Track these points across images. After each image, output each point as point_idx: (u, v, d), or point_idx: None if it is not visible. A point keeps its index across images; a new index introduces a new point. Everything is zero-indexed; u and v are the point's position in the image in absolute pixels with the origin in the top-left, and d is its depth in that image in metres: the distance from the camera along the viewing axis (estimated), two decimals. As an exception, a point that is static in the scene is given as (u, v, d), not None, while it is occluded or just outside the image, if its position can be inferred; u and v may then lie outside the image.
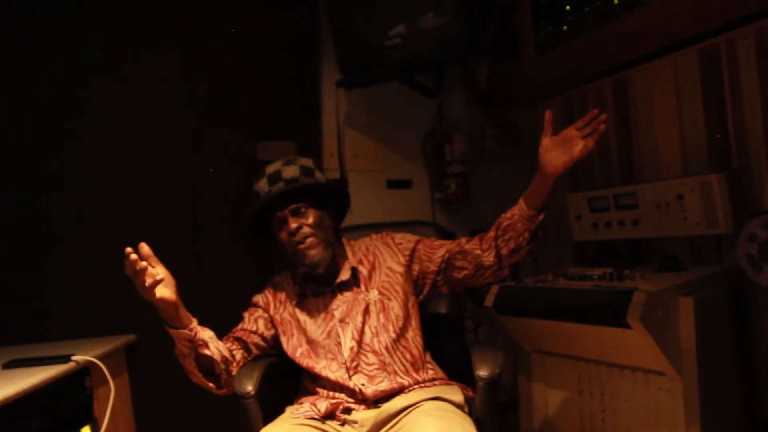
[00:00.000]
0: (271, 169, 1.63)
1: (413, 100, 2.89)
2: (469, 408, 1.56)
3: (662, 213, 2.18)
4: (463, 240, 1.62)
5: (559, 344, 2.07)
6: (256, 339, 1.64)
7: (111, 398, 1.69)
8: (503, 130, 3.05)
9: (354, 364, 1.54)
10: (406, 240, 1.69)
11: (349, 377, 1.53)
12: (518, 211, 1.52)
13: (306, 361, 1.60)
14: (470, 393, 1.60)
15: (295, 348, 1.62)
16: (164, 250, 2.42)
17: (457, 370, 1.68)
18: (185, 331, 1.41)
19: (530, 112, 2.99)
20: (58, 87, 2.37)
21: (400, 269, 1.64)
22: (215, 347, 1.47)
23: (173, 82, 2.54)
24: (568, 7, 2.37)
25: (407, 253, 1.65)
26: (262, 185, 1.62)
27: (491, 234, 1.55)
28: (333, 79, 2.73)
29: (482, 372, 1.58)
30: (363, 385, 1.52)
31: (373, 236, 1.73)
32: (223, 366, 1.49)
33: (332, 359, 1.57)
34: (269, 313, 1.68)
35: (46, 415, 1.49)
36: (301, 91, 2.79)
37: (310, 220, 1.57)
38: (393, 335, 1.57)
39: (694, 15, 1.99)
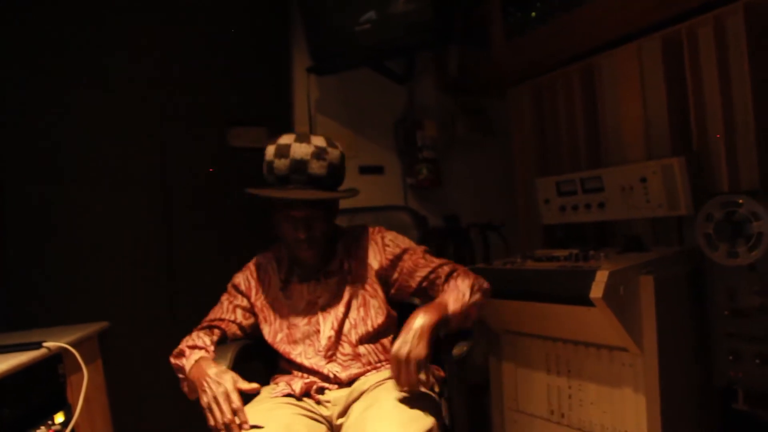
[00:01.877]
0: (300, 151, 1.50)
1: (384, 86, 2.91)
2: (440, 388, 1.60)
3: (626, 196, 2.24)
4: (442, 274, 1.58)
5: (528, 324, 2.12)
6: (234, 328, 1.65)
7: (84, 384, 1.69)
8: (473, 116, 3.09)
9: (330, 353, 1.57)
10: (394, 244, 1.65)
11: (324, 365, 1.56)
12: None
13: (283, 347, 1.61)
14: (441, 372, 1.64)
15: (275, 333, 1.63)
16: (135, 238, 2.46)
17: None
18: None
19: (500, 99, 3.04)
20: (26, 80, 2.33)
21: (376, 266, 1.63)
22: None
23: (143, 69, 2.51)
24: (536, -6, 2.41)
25: (390, 257, 1.63)
26: (280, 166, 1.50)
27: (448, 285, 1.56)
28: (304, 65, 2.74)
29: (452, 350, 1.61)
30: (337, 371, 1.55)
31: (369, 228, 1.69)
32: None
33: (309, 345, 1.59)
34: (250, 300, 1.67)
35: (18, 401, 1.50)
36: (272, 77, 2.79)
37: (318, 233, 1.54)
38: (370, 329, 1.59)
39: (656, 2, 2.04)
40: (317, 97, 2.85)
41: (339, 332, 1.58)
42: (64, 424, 1.65)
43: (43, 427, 1.56)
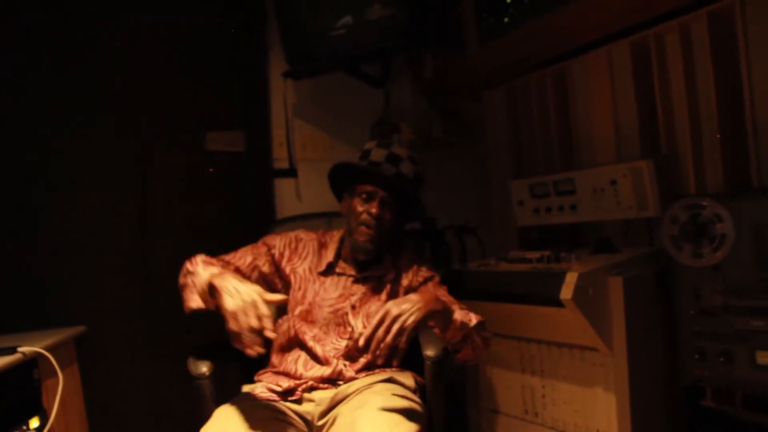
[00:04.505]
0: (398, 150, 1.75)
1: (361, 89, 2.93)
2: (421, 394, 1.63)
3: (598, 198, 2.29)
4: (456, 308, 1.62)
5: (503, 325, 2.16)
6: (256, 275, 1.72)
7: (59, 389, 1.70)
8: (449, 118, 3.12)
9: (348, 350, 1.62)
10: (426, 268, 1.82)
11: (337, 358, 1.60)
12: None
13: (298, 324, 1.64)
14: (420, 379, 1.67)
15: (296, 305, 1.68)
16: (111, 242, 2.45)
17: (407, 353, 1.73)
18: None
19: (476, 101, 3.08)
20: (12, 81, 2.32)
21: (405, 284, 1.76)
22: None
23: (118, 72, 2.50)
24: (509, 0, 2.44)
25: (420, 279, 1.77)
26: (377, 155, 1.72)
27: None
28: (280, 69, 2.74)
29: (429, 352, 1.64)
30: (345, 366, 1.58)
31: (418, 258, 1.86)
32: None
33: (326, 333, 1.63)
34: (279, 266, 1.74)
35: (-8, 407, 1.50)
36: (248, 81, 2.79)
37: (388, 217, 1.68)
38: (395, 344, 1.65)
39: (624, 8, 2.09)
40: (294, 101, 2.86)
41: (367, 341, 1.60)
42: (39, 429, 1.65)
43: (17, 432, 1.56)
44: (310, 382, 1.57)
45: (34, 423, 1.65)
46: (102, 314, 2.38)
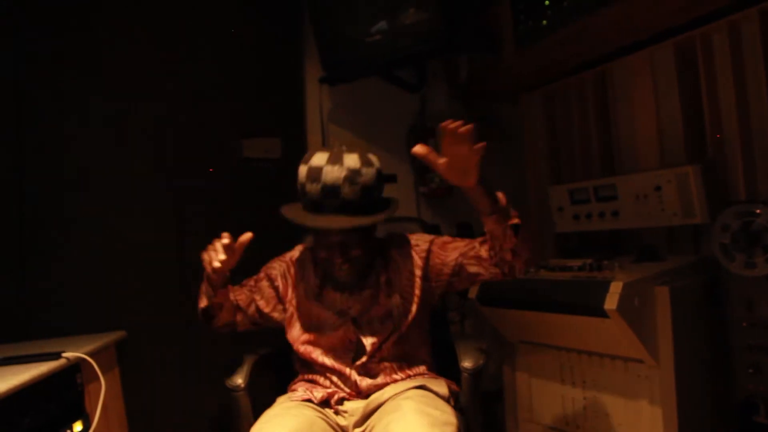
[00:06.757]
0: (329, 178, 1.45)
1: (396, 94, 2.92)
2: (455, 401, 1.60)
3: (641, 204, 2.23)
4: (476, 243, 1.55)
5: (542, 334, 2.11)
6: (252, 309, 1.69)
7: (102, 394, 1.71)
8: (485, 123, 3.08)
9: (359, 363, 1.58)
10: (422, 240, 1.65)
11: (349, 370, 1.57)
12: (485, 225, 1.49)
13: (306, 348, 1.62)
14: (455, 387, 1.64)
15: (300, 333, 1.64)
16: (149, 249, 2.48)
17: (442, 362, 1.72)
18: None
19: (512, 105, 3.04)
20: (43, 84, 2.37)
21: (418, 272, 1.62)
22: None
23: (158, 81, 2.54)
24: (547, 2, 2.40)
25: (423, 255, 1.63)
26: (312, 191, 1.47)
27: (487, 246, 1.52)
28: (316, 75, 2.75)
29: (466, 363, 1.61)
30: (358, 380, 1.56)
31: (404, 236, 1.69)
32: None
33: (332, 349, 1.60)
34: (280, 296, 1.69)
35: (38, 411, 1.52)
36: (284, 88, 2.80)
37: (354, 256, 1.53)
38: (407, 349, 1.61)
39: (669, 8, 2.03)
40: (329, 107, 2.86)
41: (378, 345, 1.58)
42: (82, 434, 1.67)
43: (61, 437, 1.58)
44: (340, 393, 1.56)
45: (78, 427, 1.67)
46: (141, 320, 2.41)
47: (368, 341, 1.58)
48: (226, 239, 1.46)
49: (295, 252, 1.75)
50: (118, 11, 2.50)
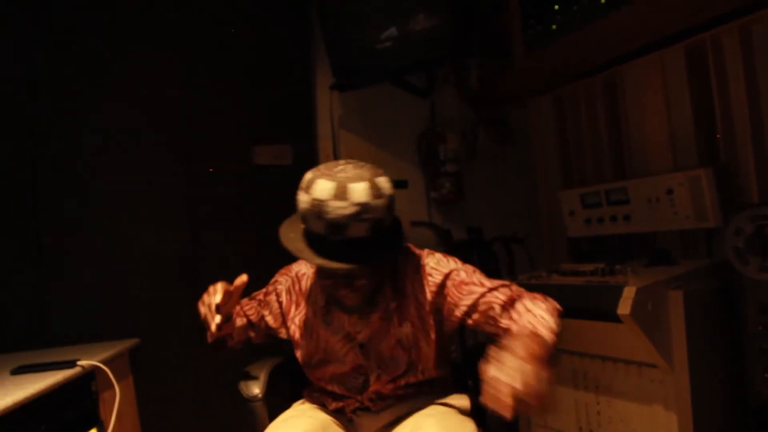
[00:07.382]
0: (333, 214, 1.27)
1: (406, 100, 2.93)
2: (476, 416, 1.55)
3: (653, 208, 2.22)
4: (493, 298, 1.40)
5: (555, 339, 2.10)
6: (263, 325, 1.65)
7: (116, 401, 1.73)
8: (495, 127, 3.08)
9: (368, 391, 1.52)
10: (436, 271, 1.48)
11: (359, 394, 1.52)
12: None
13: (315, 371, 1.56)
14: (467, 402, 1.59)
15: (310, 356, 1.55)
16: (163, 256, 2.50)
17: (460, 370, 1.68)
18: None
19: (521, 109, 3.04)
20: (60, 87, 2.40)
21: (429, 298, 1.47)
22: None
23: (169, 89, 2.56)
24: (556, 6, 2.40)
25: (434, 289, 1.47)
26: (315, 227, 1.31)
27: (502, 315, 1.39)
28: (326, 82, 2.76)
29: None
30: (371, 400, 1.52)
31: (417, 255, 1.53)
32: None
33: (342, 373, 1.53)
34: (285, 316, 1.60)
35: (54, 418, 1.53)
36: (295, 95, 2.82)
37: (362, 283, 1.41)
38: (420, 377, 1.51)
39: (679, 11, 2.02)
40: (340, 113, 2.87)
41: (383, 373, 1.50)
42: (97, 441, 1.68)
43: (76, 445, 1.60)
44: (355, 404, 1.53)
45: (92, 434, 1.69)
46: (154, 327, 2.43)
47: (375, 369, 1.50)
48: (220, 293, 1.40)
49: (301, 266, 1.64)
50: (133, 19, 2.53)
